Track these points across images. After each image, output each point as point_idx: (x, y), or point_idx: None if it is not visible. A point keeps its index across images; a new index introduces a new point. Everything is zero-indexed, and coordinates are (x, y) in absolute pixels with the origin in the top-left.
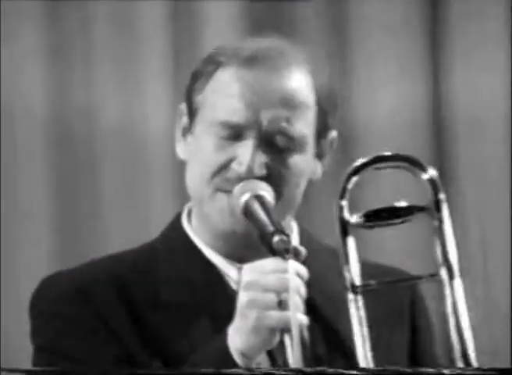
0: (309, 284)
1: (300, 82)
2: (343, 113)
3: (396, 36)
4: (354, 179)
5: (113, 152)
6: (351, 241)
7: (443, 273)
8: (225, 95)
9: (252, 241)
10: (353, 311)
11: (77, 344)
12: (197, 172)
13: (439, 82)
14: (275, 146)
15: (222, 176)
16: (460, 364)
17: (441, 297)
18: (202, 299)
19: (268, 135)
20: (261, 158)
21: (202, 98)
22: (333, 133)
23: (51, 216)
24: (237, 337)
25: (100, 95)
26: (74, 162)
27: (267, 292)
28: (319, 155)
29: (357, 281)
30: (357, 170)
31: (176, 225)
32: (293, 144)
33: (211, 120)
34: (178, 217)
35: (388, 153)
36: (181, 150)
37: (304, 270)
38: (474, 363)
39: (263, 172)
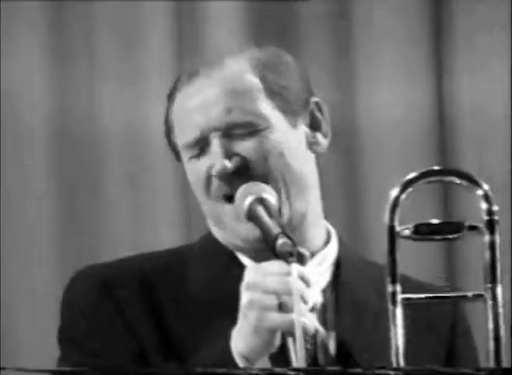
0: (344, 297)
1: (236, 73)
2: (346, 116)
3: (400, 38)
4: (406, 192)
5: (117, 156)
6: (397, 253)
7: (488, 294)
8: (181, 121)
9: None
10: (391, 323)
11: (97, 339)
12: (198, 197)
13: (443, 85)
14: (240, 137)
15: (212, 188)
16: None
17: None
18: (227, 301)
19: (226, 130)
20: (230, 150)
21: (173, 135)
22: (313, 100)
23: (54, 219)
24: (239, 339)
25: (104, 99)
26: (77, 165)
27: (267, 294)
28: (311, 126)
29: (398, 293)
30: (408, 183)
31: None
32: (254, 125)
33: (182, 149)
34: None
35: (440, 167)
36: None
37: (308, 274)
38: None
39: (238, 163)
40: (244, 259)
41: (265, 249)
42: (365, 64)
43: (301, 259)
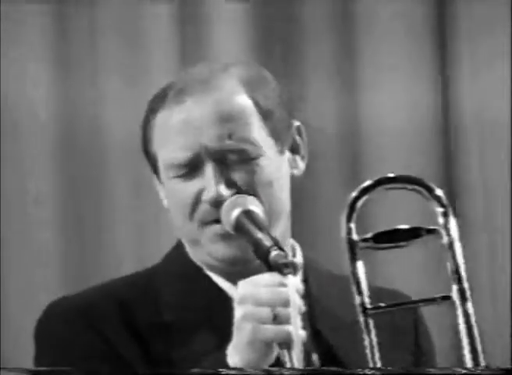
0: (312, 311)
1: (230, 94)
2: (349, 122)
3: (403, 43)
4: (361, 200)
5: (121, 161)
6: (360, 263)
7: (455, 295)
8: (167, 137)
9: (249, 263)
10: (364, 334)
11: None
12: (177, 217)
13: (447, 90)
14: (233, 163)
15: (199, 212)
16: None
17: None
18: (206, 319)
19: (220, 156)
20: (225, 178)
21: (153, 148)
22: (295, 124)
23: (56, 226)
24: (235, 353)
25: (108, 104)
26: (81, 171)
27: (261, 306)
28: (292, 149)
29: (368, 304)
30: (362, 192)
31: (178, 250)
32: (248, 153)
33: (165, 166)
34: (181, 242)
35: (393, 175)
36: (163, 200)
37: (300, 285)
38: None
39: (232, 190)
40: (216, 278)
41: (239, 269)
42: (368, 69)
43: (295, 270)
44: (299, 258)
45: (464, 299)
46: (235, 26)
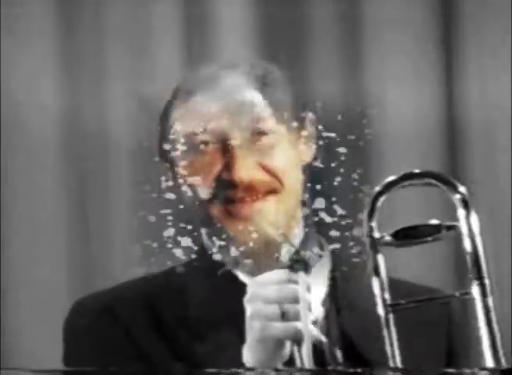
0: (339, 307)
1: (239, 88)
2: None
3: (409, 43)
4: (383, 197)
5: (126, 159)
6: (381, 260)
7: (475, 291)
8: (181, 138)
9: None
10: (384, 330)
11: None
12: None
13: (452, 89)
14: (244, 155)
15: None
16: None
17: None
18: (232, 316)
19: (229, 148)
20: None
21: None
22: (309, 116)
23: (61, 224)
24: (248, 353)
25: (113, 107)
26: (86, 177)
27: (269, 303)
28: (304, 140)
29: (388, 300)
30: (386, 188)
31: (204, 248)
32: (261, 144)
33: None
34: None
35: (417, 170)
36: None
37: (309, 282)
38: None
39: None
40: (241, 275)
41: (255, 263)
42: (374, 68)
43: (306, 266)
44: (326, 253)
45: (485, 294)
46: (241, 30)
